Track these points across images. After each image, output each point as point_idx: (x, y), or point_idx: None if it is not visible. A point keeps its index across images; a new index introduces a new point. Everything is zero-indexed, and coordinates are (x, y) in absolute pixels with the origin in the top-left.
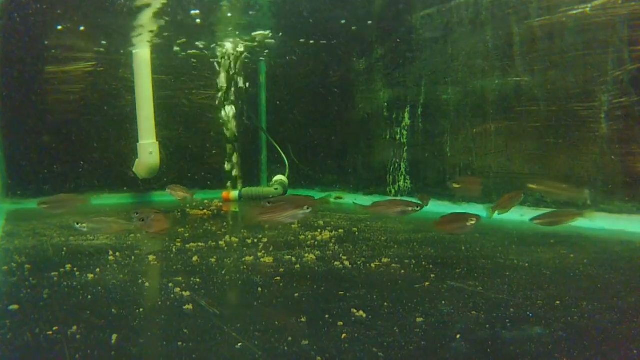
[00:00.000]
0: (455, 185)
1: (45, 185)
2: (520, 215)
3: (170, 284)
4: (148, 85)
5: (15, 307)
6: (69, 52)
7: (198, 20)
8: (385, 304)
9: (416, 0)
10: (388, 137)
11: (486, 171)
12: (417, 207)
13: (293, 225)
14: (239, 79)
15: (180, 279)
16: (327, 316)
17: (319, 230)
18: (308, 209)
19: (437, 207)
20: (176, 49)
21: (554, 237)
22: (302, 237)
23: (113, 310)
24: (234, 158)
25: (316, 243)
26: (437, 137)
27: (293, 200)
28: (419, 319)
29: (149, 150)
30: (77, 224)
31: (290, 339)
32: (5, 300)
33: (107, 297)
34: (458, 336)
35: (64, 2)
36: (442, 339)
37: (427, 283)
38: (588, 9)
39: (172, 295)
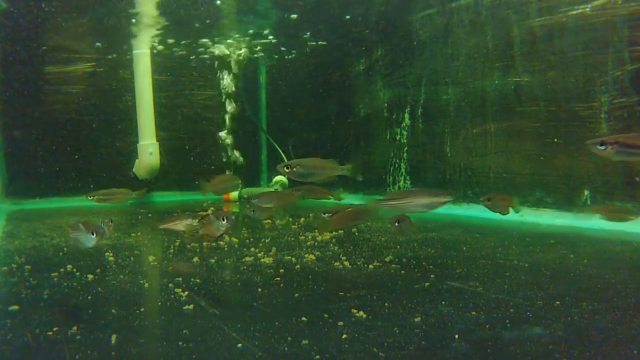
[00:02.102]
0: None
1: (45, 185)
2: (520, 216)
3: (171, 285)
4: (148, 85)
5: (15, 307)
6: (69, 52)
7: (197, 25)
8: (386, 304)
9: (416, 0)
10: (388, 137)
11: (486, 171)
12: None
13: (293, 226)
14: (239, 79)
15: (180, 279)
16: (327, 316)
17: (319, 230)
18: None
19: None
20: (176, 50)
21: (553, 237)
22: (302, 237)
23: (113, 310)
24: (234, 158)
25: (316, 243)
26: (437, 137)
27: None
28: (419, 319)
29: (149, 151)
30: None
31: (290, 339)
32: (5, 300)
33: (107, 297)
34: (458, 337)
35: (64, 3)
36: (442, 339)
37: (427, 283)
38: (588, 9)
39: (172, 296)
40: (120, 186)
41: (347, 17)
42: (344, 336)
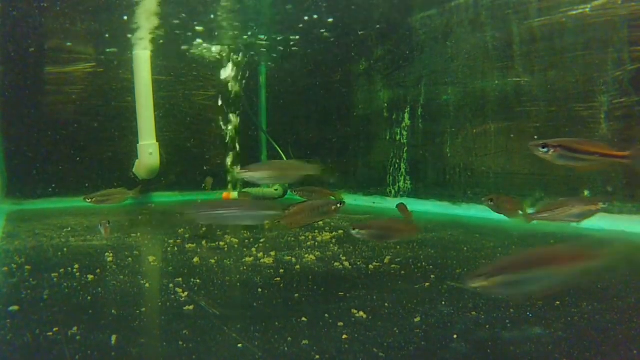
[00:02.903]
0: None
1: (45, 185)
2: None
3: (171, 285)
4: (148, 86)
5: (15, 308)
6: (69, 53)
7: (199, 28)
8: (386, 304)
9: (416, 1)
10: (388, 137)
11: (486, 171)
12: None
13: None
14: (239, 79)
15: (180, 279)
16: (327, 316)
17: (319, 231)
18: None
19: (437, 208)
20: (176, 49)
21: (553, 237)
22: (302, 237)
23: (113, 311)
24: (234, 158)
25: (316, 244)
26: (437, 137)
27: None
28: (419, 320)
29: (149, 151)
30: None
31: (290, 339)
32: (5, 301)
33: (107, 298)
34: (458, 337)
35: (64, 3)
36: (442, 339)
37: (427, 283)
38: (588, 9)
39: (173, 296)
40: (121, 186)
41: (348, 18)
42: (344, 336)
